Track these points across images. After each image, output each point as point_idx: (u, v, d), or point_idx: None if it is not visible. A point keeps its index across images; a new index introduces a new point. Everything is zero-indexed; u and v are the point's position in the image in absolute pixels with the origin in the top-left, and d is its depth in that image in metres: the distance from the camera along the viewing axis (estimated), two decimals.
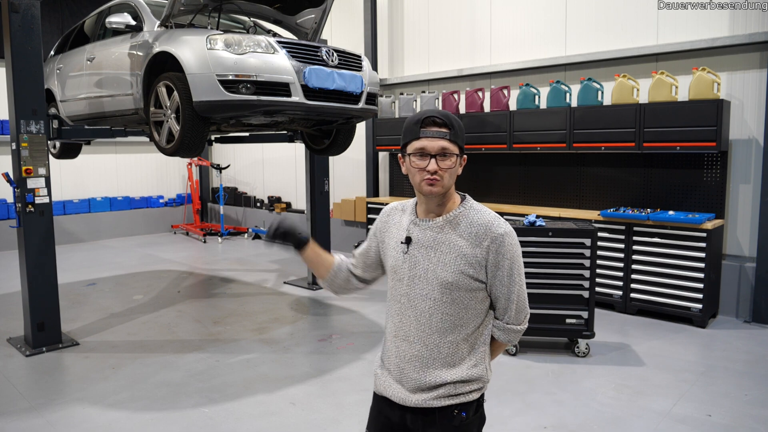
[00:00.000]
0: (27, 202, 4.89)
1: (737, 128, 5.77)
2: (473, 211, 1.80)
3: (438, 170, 1.71)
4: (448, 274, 1.74)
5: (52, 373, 4.55)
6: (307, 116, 4.92)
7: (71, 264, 8.68)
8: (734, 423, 3.64)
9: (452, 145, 1.72)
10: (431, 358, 1.78)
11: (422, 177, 1.73)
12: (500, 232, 1.75)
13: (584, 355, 4.76)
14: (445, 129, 1.72)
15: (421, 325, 1.78)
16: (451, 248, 1.75)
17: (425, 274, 1.76)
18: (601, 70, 6.62)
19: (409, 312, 1.80)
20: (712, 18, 5.85)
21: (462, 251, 1.74)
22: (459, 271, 1.74)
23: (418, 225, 1.81)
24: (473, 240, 1.75)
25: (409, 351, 1.80)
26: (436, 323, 1.77)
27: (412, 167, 1.75)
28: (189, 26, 4.99)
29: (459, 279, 1.74)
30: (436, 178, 1.71)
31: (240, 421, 3.72)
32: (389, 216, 1.94)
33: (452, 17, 8.09)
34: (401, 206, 1.95)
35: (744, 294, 5.76)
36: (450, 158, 1.72)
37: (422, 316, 1.78)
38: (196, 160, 12.01)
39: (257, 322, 5.79)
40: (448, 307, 1.76)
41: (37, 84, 4.96)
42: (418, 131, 1.73)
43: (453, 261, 1.74)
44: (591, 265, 4.70)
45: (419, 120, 1.74)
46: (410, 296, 1.79)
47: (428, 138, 1.71)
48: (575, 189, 6.87)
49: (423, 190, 1.74)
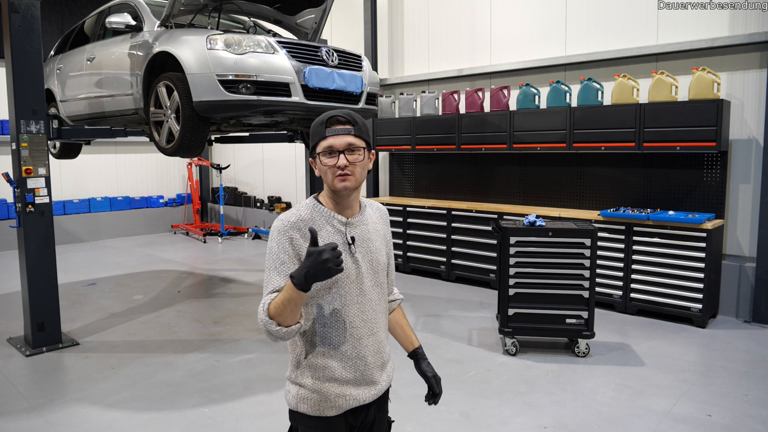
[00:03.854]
0: (27, 202, 4.90)
1: (737, 128, 5.77)
2: (368, 201, 1.99)
3: (347, 165, 1.76)
4: (383, 256, 1.93)
5: (52, 373, 4.55)
6: (307, 116, 4.91)
7: (71, 264, 8.68)
8: (734, 423, 3.64)
9: (358, 140, 1.78)
10: (385, 337, 1.95)
11: (334, 173, 1.77)
12: (386, 209, 2.06)
13: (584, 355, 4.76)
14: (349, 125, 1.78)
15: (377, 312, 1.89)
16: (378, 234, 1.93)
17: (371, 265, 1.87)
18: (601, 70, 6.62)
19: (367, 307, 1.86)
20: (712, 18, 5.85)
21: (382, 233, 1.96)
22: (387, 251, 1.98)
23: (351, 224, 1.85)
24: (382, 221, 1.99)
25: (375, 342, 1.89)
26: (383, 305, 1.94)
27: (323, 166, 1.79)
28: (189, 26, 4.99)
29: (388, 257, 1.99)
30: (347, 173, 1.76)
31: (240, 421, 3.72)
32: (301, 230, 1.77)
33: (452, 17, 8.09)
34: (303, 216, 1.80)
35: (744, 294, 5.76)
36: (358, 152, 1.78)
37: (378, 304, 1.90)
38: (196, 160, 12.01)
39: (257, 322, 5.78)
40: (385, 288, 1.96)
41: (37, 84, 4.96)
42: (324, 131, 1.78)
43: (382, 244, 1.94)
44: (591, 265, 4.70)
45: (323, 121, 1.79)
46: (364, 291, 1.85)
47: (334, 136, 1.77)
48: (575, 189, 6.87)
49: (336, 186, 1.78)
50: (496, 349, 4.97)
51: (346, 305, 1.83)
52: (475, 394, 4.05)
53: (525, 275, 4.79)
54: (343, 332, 1.84)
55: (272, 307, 1.72)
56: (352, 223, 1.86)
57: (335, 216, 1.84)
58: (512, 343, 4.82)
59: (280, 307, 1.69)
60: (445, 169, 8.19)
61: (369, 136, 1.85)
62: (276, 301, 1.71)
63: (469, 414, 3.79)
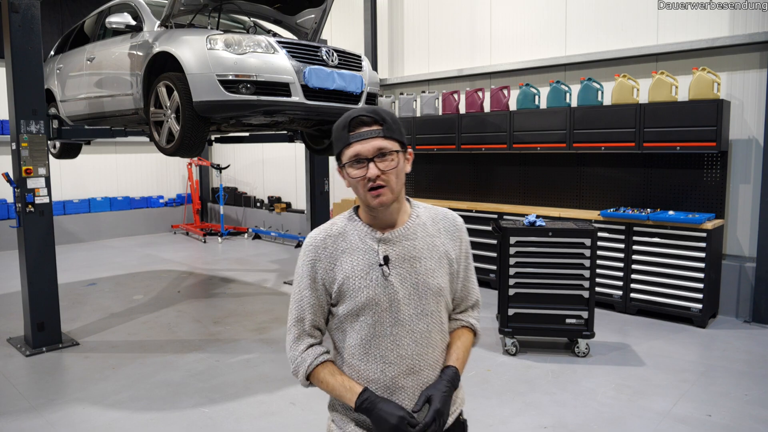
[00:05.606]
0: (27, 202, 4.90)
1: (737, 128, 5.77)
2: (425, 209, 1.66)
3: (380, 174, 1.48)
4: (439, 278, 1.58)
5: (52, 373, 4.55)
6: (307, 116, 4.91)
7: (71, 264, 8.68)
8: (734, 423, 3.64)
9: (389, 142, 1.50)
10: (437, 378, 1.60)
11: (365, 187, 1.50)
12: (461, 221, 1.69)
13: (584, 355, 4.76)
14: (376, 126, 1.49)
15: (422, 347, 1.56)
16: (433, 251, 1.59)
17: (416, 289, 1.55)
18: (601, 70, 6.62)
19: (404, 341, 1.54)
20: (712, 18, 5.85)
21: (442, 250, 1.61)
22: (447, 272, 1.61)
23: (388, 240, 1.56)
24: (446, 234, 1.63)
25: (417, 384, 1.55)
26: (435, 339, 1.59)
27: (351, 178, 1.51)
28: (189, 26, 4.99)
29: (449, 280, 1.62)
30: (381, 184, 1.49)
31: (240, 421, 3.72)
32: (327, 249, 1.58)
33: (452, 17, 8.09)
34: (333, 231, 1.61)
35: (744, 294, 5.76)
36: (390, 156, 1.49)
37: (422, 337, 1.56)
38: (196, 160, 12.01)
39: (257, 322, 5.79)
40: (442, 315, 1.61)
41: (37, 84, 4.96)
42: (347, 136, 1.50)
43: (438, 263, 1.59)
44: (591, 265, 4.70)
45: (346, 124, 1.50)
46: (403, 322, 1.54)
47: (360, 141, 1.48)
48: (575, 189, 6.87)
49: (371, 202, 1.51)
50: (496, 349, 4.97)
51: (376, 336, 1.54)
52: (475, 394, 4.05)
53: (525, 275, 4.79)
54: (374, 368, 1.55)
55: (317, 378, 1.58)
56: (390, 239, 1.56)
57: (369, 231, 1.57)
58: (512, 343, 4.82)
59: (324, 387, 1.57)
60: (445, 169, 8.19)
61: (402, 134, 1.54)
62: (326, 380, 1.56)
63: (468, 414, 3.76)
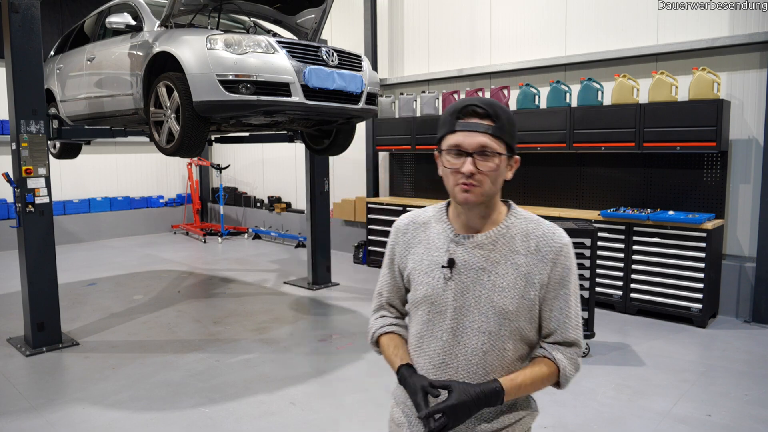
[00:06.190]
0: (27, 202, 4.89)
1: (737, 128, 5.77)
2: (524, 220, 1.50)
3: (475, 173, 1.38)
4: (508, 300, 1.43)
5: (52, 373, 4.55)
6: (307, 116, 4.92)
7: (71, 264, 8.68)
8: (734, 423, 3.64)
9: (496, 142, 1.38)
10: None
11: (456, 180, 1.40)
12: (564, 242, 1.47)
13: (584, 355, 4.77)
14: (488, 121, 1.38)
15: (472, 365, 1.45)
16: (510, 268, 1.44)
17: (477, 303, 1.44)
18: (601, 70, 6.62)
19: (456, 350, 1.46)
20: (712, 18, 5.85)
21: (523, 270, 1.44)
22: (520, 295, 1.43)
23: (461, 243, 1.47)
24: (535, 255, 1.45)
25: None
26: (491, 362, 1.45)
27: (446, 168, 1.42)
28: (189, 26, 4.99)
29: (521, 305, 1.44)
30: (473, 183, 1.38)
31: (240, 421, 3.72)
32: (407, 234, 1.58)
33: (452, 17, 8.09)
34: (420, 218, 1.58)
35: (744, 294, 5.76)
36: (492, 158, 1.38)
37: (474, 354, 1.45)
38: (196, 160, 12.01)
39: (257, 322, 5.79)
40: (506, 342, 1.45)
41: (37, 84, 4.96)
42: (454, 123, 1.39)
43: (512, 283, 1.43)
44: (591, 265, 4.70)
45: (457, 110, 1.41)
46: (456, 331, 1.45)
47: (465, 132, 1.38)
48: (575, 189, 6.87)
49: (457, 197, 1.42)
50: None
51: (429, 335, 1.49)
52: None
53: None
54: (420, 364, 1.51)
55: (381, 345, 1.63)
56: (463, 243, 1.47)
57: (448, 229, 1.50)
58: None
59: (383, 354, 1.62)
60: None
61: (513, 138, 1.42)
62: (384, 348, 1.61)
63: None
